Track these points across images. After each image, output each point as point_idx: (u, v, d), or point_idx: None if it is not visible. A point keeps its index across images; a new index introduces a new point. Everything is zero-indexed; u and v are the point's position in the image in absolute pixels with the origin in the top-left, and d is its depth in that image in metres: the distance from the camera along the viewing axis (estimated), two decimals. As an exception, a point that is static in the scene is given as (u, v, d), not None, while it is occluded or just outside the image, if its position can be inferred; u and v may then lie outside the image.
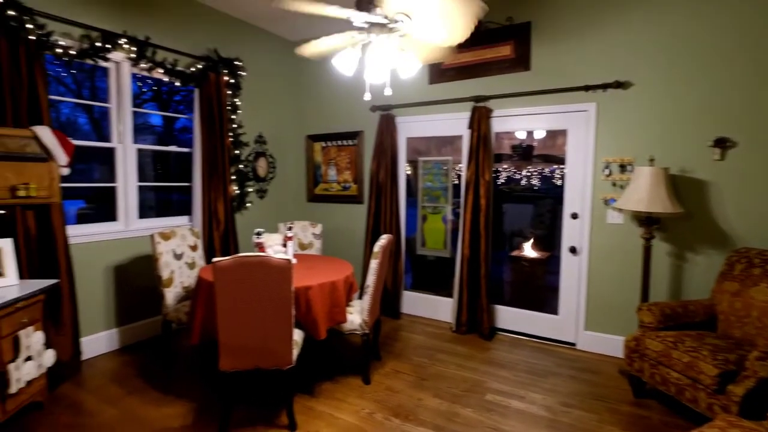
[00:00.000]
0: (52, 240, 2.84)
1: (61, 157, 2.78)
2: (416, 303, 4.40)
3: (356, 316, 2.89)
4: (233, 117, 4.23)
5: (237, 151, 4.28)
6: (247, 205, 4.47)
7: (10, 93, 2.67)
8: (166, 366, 3.11)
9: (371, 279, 2.89)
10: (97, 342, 3.30)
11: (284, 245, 3.11)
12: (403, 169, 4.44)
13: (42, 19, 2.87)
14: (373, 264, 2.89)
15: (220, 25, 4.16)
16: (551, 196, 6.19)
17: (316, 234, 3.95)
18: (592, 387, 2.90)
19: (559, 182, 6.26)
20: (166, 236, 3.12)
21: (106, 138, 3.44)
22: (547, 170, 6.92)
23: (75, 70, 3.58)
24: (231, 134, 4.19)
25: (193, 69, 3.84)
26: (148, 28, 3.52)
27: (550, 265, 5.03)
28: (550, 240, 5.69)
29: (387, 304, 4.20)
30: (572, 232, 3.58)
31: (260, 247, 2.94)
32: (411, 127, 4.35)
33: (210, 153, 3.95)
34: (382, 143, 4.35)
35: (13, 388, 2.21)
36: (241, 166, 4.33)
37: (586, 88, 3.42)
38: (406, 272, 4.50)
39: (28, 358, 2.33)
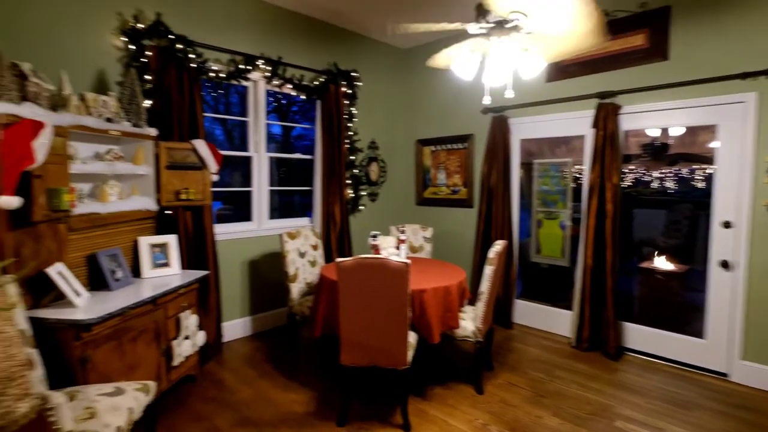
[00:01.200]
0: (203, 237, 3.31)
1: (213, 165, 3.23)
2: (529, 313, 4.18)
3: (469, 322, 2.84)
4: (349, 125, 4.49)
5: (352, 157, 4.53)
6: (360, 207, 4.70)
7: (177, 112, 3.18)
8: (290, 354, 3.42)
9: (485, 285, 2.83)
10: (234, 327, 3.76)
11: (397, 247, 3.19)
12: (517, 172, 4.26)
13: (200, 49, 3.37)
14: (488, 270, 2.82)
15: (339, 39, 4.45)
16: (690, 200, 5.41)
17: (426, 237, 3.99)
18: (750, 428, 2.45)
19: (700, 185, 5.44)
20: (292, 236, 3.43)
21: (237, 147, 3.91)
22: (684, 171, 6.05)
23: (221, 90, 4.14)
24: (347, 141, 4.45)
25: (316, 82, 4.17)
26: (279, 48, 3.92)
27: (689, 279, 4.39)
28: (688, 251, 4.98)
29: (498, 312, 4.06)
30: (724, 244, 3.08)
31: (376, 249, 3.07)
32: (525, 128, 4.16)
33: (329, 159, 4.24)
34: (494, 146, 4.23)
35: (176, 361, 2.63)
36: (355, 170, 4.57)
37: (744, 75, 2.92)
38: (517, 280, 4.31)
39: (186, 338, 2.74)
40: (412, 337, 2.57)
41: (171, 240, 2.95)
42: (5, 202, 1.89)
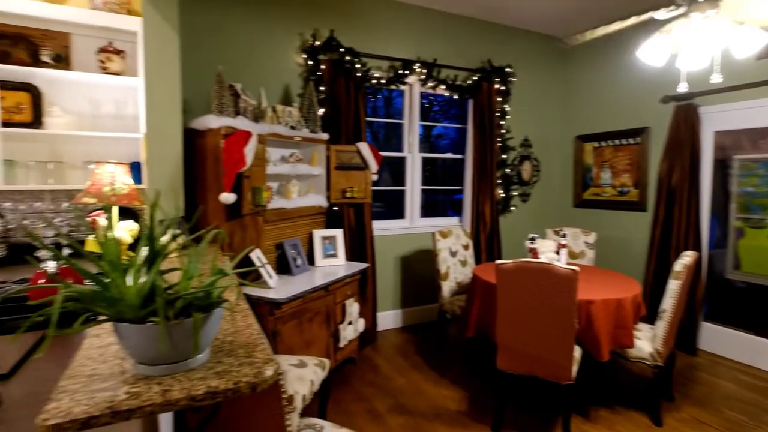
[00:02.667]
0: (363, 232, 3.59)
1: (373, 166, 3.47)
2: (721, 340, 3.47)
3: (645, 343, 2.49)
4: (502, 123, 4.35)
5: (503, 156, 4.38)
6: (511, 208, 4.52)
7: (344, 118, 3.51)
8: (439, 350, 3.48)
9: (668, 302, 2.44)
10: (387, 318, 3.99)
11: (557, 252, 2.98)
12: (708, 171, 3.57)
13: (364, 58, 3.65)
14: (673, 285, 2.43)
15: (492, 35, 4.33)
16: None
17: (588, 243, 3.63)
18: None
19: None
20: (444, 234, 3.48)
21: (382, 147, 4.09)
22: None
23: (378, 95, 4.41)
24: (499, 139, 4.32)
25: (469, 81, 4.15)
26: (434, 50, 4.00)
27: None
28: None
29: (680, 335, 3.46)
30: None
31: (534, 252, 2.91)
32: (722, 117, 3.45)
33: (480, 158, 4.18)
34: (677, 139, 3.62)
35: (341, 343, 2.91)
36: (506, 170, 4.41)
37: None
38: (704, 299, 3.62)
39: (350, 323, 3.01)
40: (577, 352, 2.37)
41: (338, 234, 3.28)
42: (225, 198, 2.33)
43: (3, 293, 1.61)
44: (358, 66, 3.57)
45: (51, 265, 1.53)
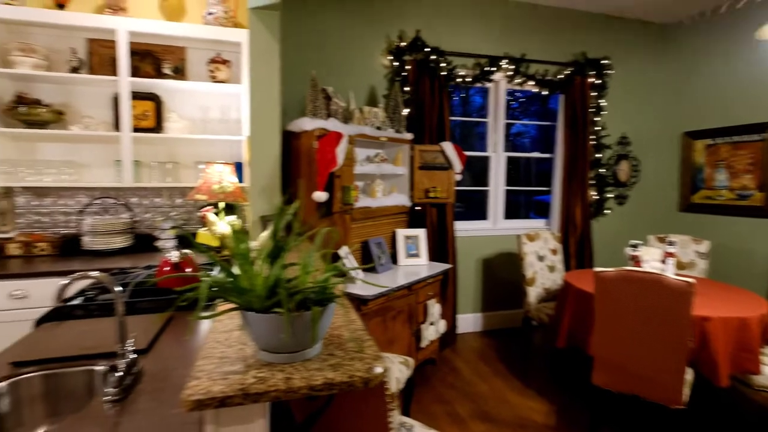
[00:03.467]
0: (445, 232, 3.55)
1: (458, 165, 3.42)
2: None
3: (776, 369, 2.16)
4: (596, 119, 4.05)
5: (597, 155, 4.07)
6: (605, 211, 4.19)
7: (428, 118, 3.50)
8: (523, 358, 3.33)
9: (808, 325, 2.09)
10: (467, 321, 3.91)
11: (663, 261, 2.70)
12: None
13: (450, 57, 3.60)
14: (815, 305, 2.08)
15: (586, 25, 4.05)
16: None
17: (700, 253, 3.24)
18: None
19: None
20: (531, 238, 3.32)
21: (461, 146, 3.98)
22: None
23: (462, 94, 4.34)
24: (592, 137, 4.03)
25: (560, 76, 3.91)
26: (522, 45, 3.83)
27: None
28: None
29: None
30: None
31: (636, 261, 2.67)
32: None
33: (570, 157, 3.93)
34: (818, 135, 3.10)
35: (423, 343, 2.90)
36: (601, 170, 4.10)
37: None
38: None
39: (431, 323, 2.99)
40: (689, 374, 2.12)
41: (421, 233, 3.28)
42: (318, 196, 2.44)
43: (135, 279, 1.84)
44: (443, 65, 3.54)
45: (174, 255, 1.71)
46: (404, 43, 3.51)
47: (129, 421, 0.91)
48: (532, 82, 3.87)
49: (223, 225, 2.46)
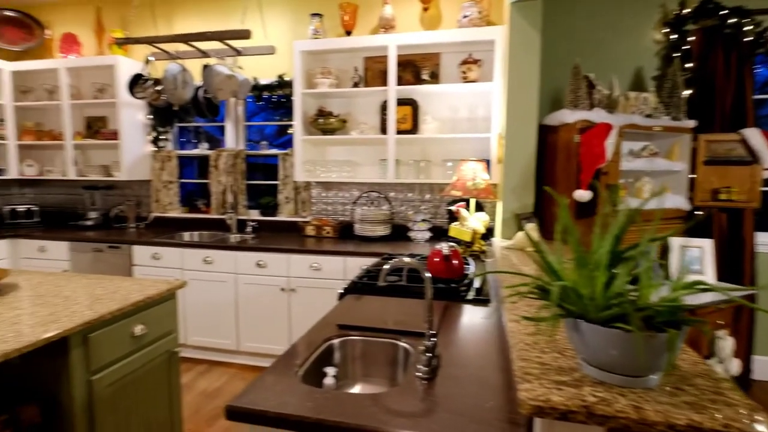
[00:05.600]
0: (740, 245, 2.75)
1: (767, 159, 2.59)
2: None
3: None
4: None
5: None
6: None
7: (720, 99, 2.76)
8: None
9: None
10: (766, 366, 2.95)
11: None
12: None
13: (759, 17, 2.75)
14: None
15: None
16: None
17: None
18: None
19: None
20: None
21: None
22: None
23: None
24: None
25: None
26: None
27: None
28: None
29: None
30: None
31: None
32: None
33: None
34: None
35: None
36: None
37: None
38: None
39: (719, 361, 2.36)
40: None
41: (706, 245, 2.62)
42: (581, 195, 2.22)
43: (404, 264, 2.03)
44: (747, 29, 2.72)
45: (444, 247, 1.81)
46: (687, 10, 2.85)
47: (445, 403, 0.96)
48: None
49: (474, 221, 2.52)
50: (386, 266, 1.20)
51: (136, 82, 3.25)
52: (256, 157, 3.70)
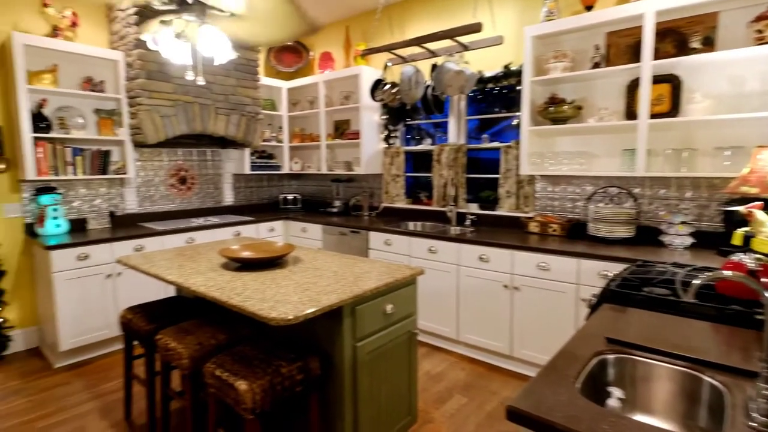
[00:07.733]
0: None
1: None
2: None
3: None
4: None
5: None
6: None
7: None
8: None
9: None
10: None
11: None
12: None
13: None
14: None
15: None
16: None
17: None
18: None
19: None
20: None
21: None
22: None
23: None
24: None
25: None
26: None
27: None
28: None
29: None
30: None
31: None
32: None
33: None
34: None
35: None
36: None
37: None
38: None
39: None
40: None
41: None
42: None
43: (684, 278, 1.67)
44: None
45: (747, 259, 1.40)
46: None
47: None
48: None
49: (775, 227, 1.89)
50: (674, 276, 0.97)
51: (377, 87, 3.66)
52: (475, 152, 3.71)
